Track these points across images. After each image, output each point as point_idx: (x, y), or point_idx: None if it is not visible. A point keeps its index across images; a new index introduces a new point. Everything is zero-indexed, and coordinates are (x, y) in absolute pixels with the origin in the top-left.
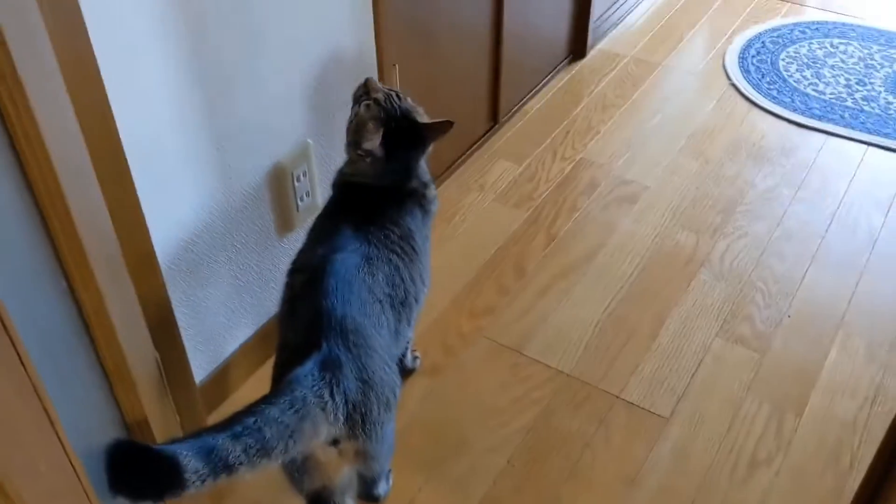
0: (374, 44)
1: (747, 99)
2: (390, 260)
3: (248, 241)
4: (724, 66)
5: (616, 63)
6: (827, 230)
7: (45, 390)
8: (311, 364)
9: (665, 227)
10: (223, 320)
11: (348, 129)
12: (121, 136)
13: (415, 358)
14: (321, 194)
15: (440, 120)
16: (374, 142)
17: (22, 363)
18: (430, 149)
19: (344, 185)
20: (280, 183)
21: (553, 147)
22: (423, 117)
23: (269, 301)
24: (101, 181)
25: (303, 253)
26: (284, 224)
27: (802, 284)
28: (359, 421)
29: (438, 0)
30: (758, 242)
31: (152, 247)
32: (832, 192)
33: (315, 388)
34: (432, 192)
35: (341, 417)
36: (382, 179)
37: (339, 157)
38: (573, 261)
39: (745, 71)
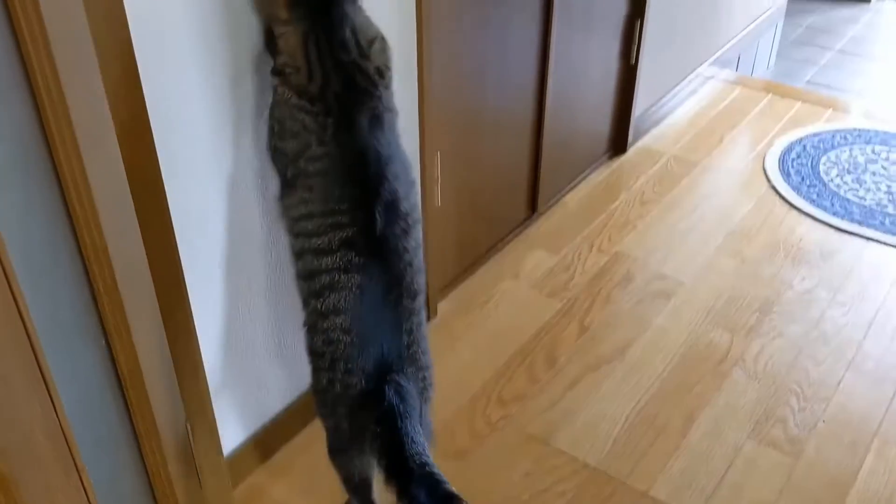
0: (417, 132)
1: (787, 201)
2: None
3: (289, 315)
4: (764, 168)
5: (656, 160)
6: (864, 336)
7: (79, 452)
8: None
9: (699, 325)
10: (256, 391)
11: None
12: (168, 197)
13: None
14: None
15: None
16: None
17: (57, 416)
18: None
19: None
20: None
21: (590, 239)
22: None
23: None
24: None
25: None
26: None
27: (838, 389)
28: None
29: (482, 91)
30: (793, 344)
31: (192, 320)
32: (871, 298)
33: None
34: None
35: None
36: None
37: None
38: (605, 353)
39: (786, 173)
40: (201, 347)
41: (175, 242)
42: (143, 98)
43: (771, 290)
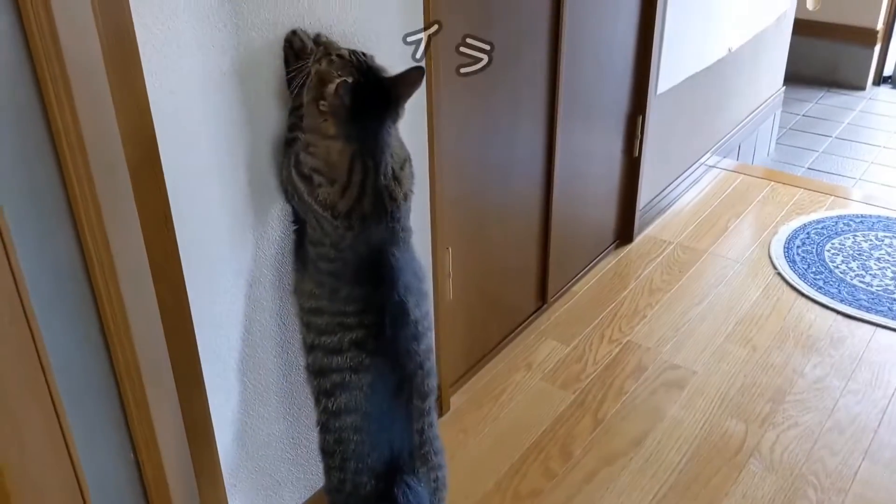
0: (429, 229)
1: (794, 288)
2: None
3: (303, 413)
4: (770, 255)
5: (663, 249)
6: (879, 424)
7: None
8: None
9: (713, 415)
10: (271, 489)
11: (309, 100)
12: (186, 283)
13: None
14: None
15: (408, 69)
16: (336, 86)
17: None
18: (403, 114)
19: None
20: None
21: (601, 329)
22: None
23: (315, 475)
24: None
25: None
26: None
27: (856, 479)
28: None
29: (490, 187)
30: (809, 434)
31: (211, 421)
32: (883, 385)
33: None
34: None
35: None
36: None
37: None
38: (620, 446)
39: (791, 261)
40: (217, 446)
41: (196, 344)
42: (168, 202)
43: (783, 379)
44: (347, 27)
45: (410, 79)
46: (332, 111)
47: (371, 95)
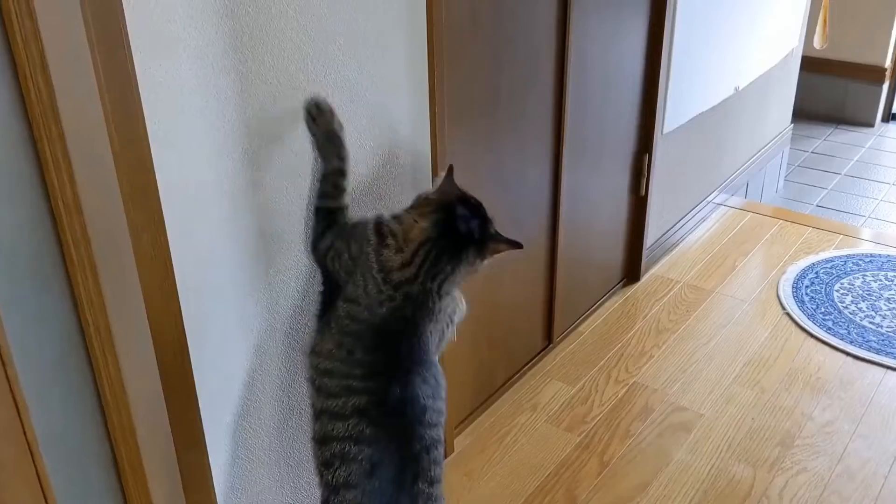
0: None
1: (802, 329)
2: None
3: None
4: (778, 296)
5: (670, 288)
6: (889, 471)
7: None
8: None
9: (721, 459)
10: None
11: (402, 216)
12: (192, 363)
13: None
14: None
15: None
16: (415, 231)
17: None
18: (481, 265)
19: None
20: None
21: (607, 369)
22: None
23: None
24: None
25: None
26: None
27: None
28: None
29: (498, 225)
30: (818, 480)
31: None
32: (893, 429)
33: None
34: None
35: None
36: None
37: None
38: (627, 490)
39: (800, 301)
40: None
41: (197, 407)
42: (172, 265)
43: (791, 422)
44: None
45: (505, 243)
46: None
47: (470, 220)
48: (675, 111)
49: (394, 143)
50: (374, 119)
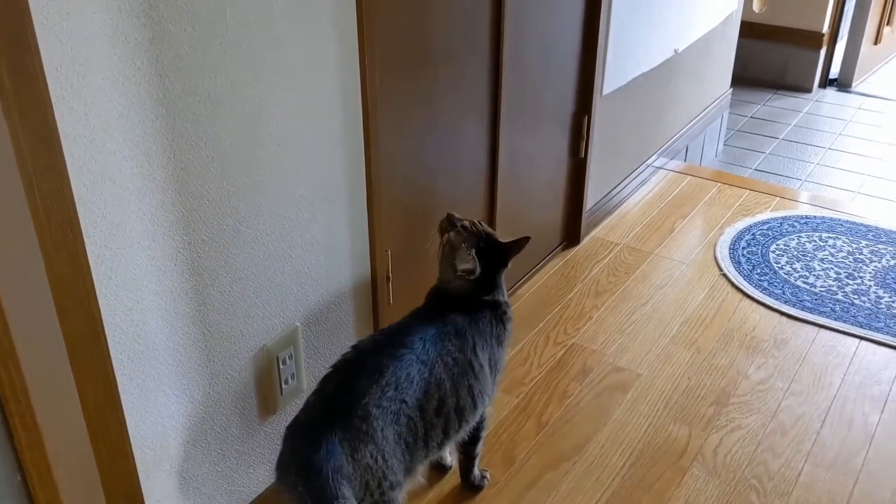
0: (367, 229)
1: (738, 289)
2: (433, 368)
3: (230, 424)
4: (715, 257)
5: (609, 250)
6: (822, 426)
7: None
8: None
9: (658, 418)
10: None
11: (442, 255)
12: (103, 317)
13: (483, 476)
14: (307, 378)
15: (518, 238)
16: (469, 263)
17: None
18: (509, 266)
19: (437, 292)
20: (265, 366)
21: (546, 331)
22: (501, 238)
23: (247, 487)
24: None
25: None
26: (267, 407)
27: (798, 483)
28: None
29: (431, 189)
30: (752, 437)
31: (127, 434)
32: (825, 386)
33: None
34: (511, 312)
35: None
36: (474, 293)
37: (327, 342)
38: (564, 451)
39: (736, 262)
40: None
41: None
42: None
43: (727, 381)
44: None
45: (520, 245)
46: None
47: (489, 256)
48: (614, 72)
49: (322, 95)
50: (301, 72)
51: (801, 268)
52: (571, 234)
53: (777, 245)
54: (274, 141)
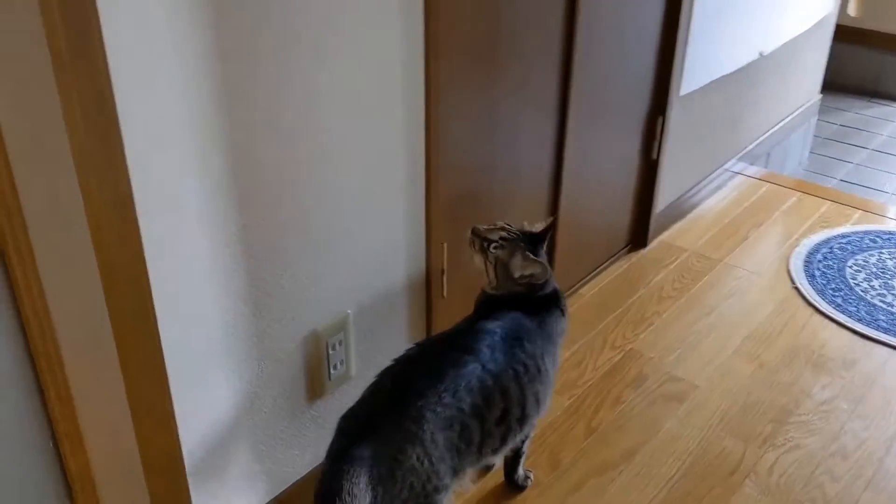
0: (423, 225)
1: (810, 304)
2: (500, 377)
3: (277, 406)
4: (788, 269)
5: (677, 256)
6: (886, 453)
7: None
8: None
9: (712, 431)
10: (236, 483)
11: (496, 274)
12: (153, 291)
13: (527, 476)
14: (356, 365)
15: (547, 222)
16: (535, 267)
17: None
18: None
19: (488, 299)
20: (314, 350)
21: (604, 334)
22: (533, 227)
23: (289, 468)
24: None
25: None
26: (315, 391)
27: None
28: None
29: (492, 183)
30: (810, 458)
31: (171, 408)
32: (894, 412)
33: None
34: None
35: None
36: (531, 291)
37: (379, 331)
38: (611, 458)
39: (811, 275)
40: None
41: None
42: None
43: (789, 398)
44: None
45: (551, 227)
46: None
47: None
48: (693, 72)
49: (383, 83)
50: (363, 60)
51: (880, 286)
52: (638, 236)
53: (856, 260)
54: (331, 128)
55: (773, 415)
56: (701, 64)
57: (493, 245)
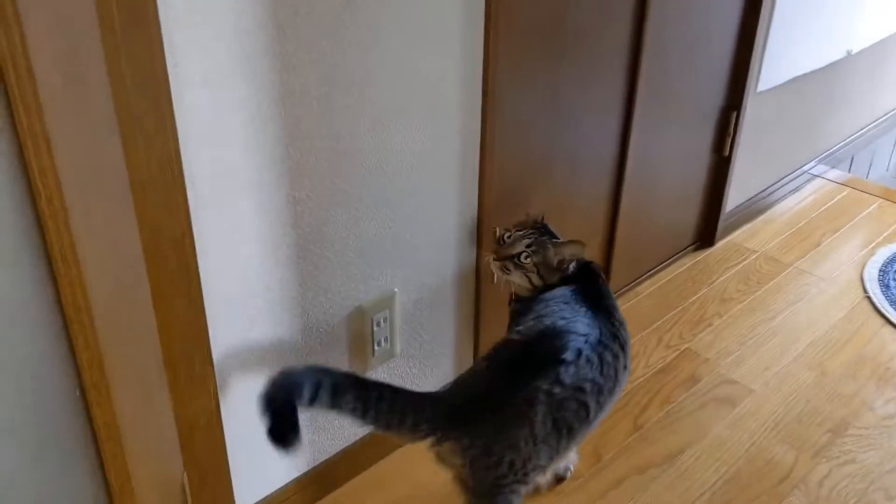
0: (476, 208)
1: (881, 315)
2: (603, 354)
3: None
4: (861, 278)
5: (745, 257)
6: None
7: None
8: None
9: (763, 438)
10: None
11: (538, 273)
12: (197, 252)
13: (567, 468)
14: (400, 343)
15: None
16: (574, 247)
17: None
18: None
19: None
20: (358, 325)
21: (659, 332)
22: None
23: (327, 441)
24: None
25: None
26: (357, 366)
27: None
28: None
29: (549, 172)
30: (866, 473)
31: (213, 366)
32: None
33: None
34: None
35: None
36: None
37: (425, 312)
38: (654, 457)
39: (885, 285)
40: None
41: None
42: None
43: (849, 411)
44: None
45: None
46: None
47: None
48: (772, 68)
49: (440, 64)
50: (421, 39)
51: None
52: (705, 235)
53: None
54: (385, 107)
55: (831, 426)
56: (782, 59)
57: (524, 255)
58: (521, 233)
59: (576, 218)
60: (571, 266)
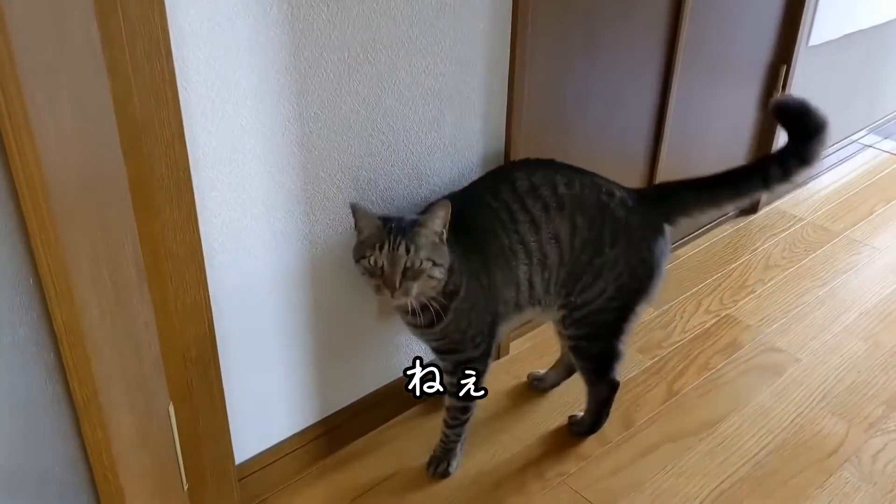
0: (503, 150)
1: None
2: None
3: (348, 322)
4: None
5: (791, 224)
6: None
7: None
8: None
9: (810, 409)
10: (283, 399)
11: (432, 263)
12: (191, 168)
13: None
14: None
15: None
16: (438, 218)
17: None
18: None
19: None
20: None
21: (698, 297)
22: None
23: (355, 387)
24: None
25: None
26: (382, 315)
27: None
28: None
29: (584, 131)
30: None
31: (207, 291)
32: None
33: None
34: None
35: None
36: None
37: None
38: (691, 425)
39: None
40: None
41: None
42: None
43: None
44: None
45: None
46: None
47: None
48: (826, 20)
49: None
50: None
51: None
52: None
53: None
54: (404, 20)
55: (886, 398)
56: (837, 13)
57: (408, 261)
58: (381, 250)
59: (609, 172)
60: (445, 231)
